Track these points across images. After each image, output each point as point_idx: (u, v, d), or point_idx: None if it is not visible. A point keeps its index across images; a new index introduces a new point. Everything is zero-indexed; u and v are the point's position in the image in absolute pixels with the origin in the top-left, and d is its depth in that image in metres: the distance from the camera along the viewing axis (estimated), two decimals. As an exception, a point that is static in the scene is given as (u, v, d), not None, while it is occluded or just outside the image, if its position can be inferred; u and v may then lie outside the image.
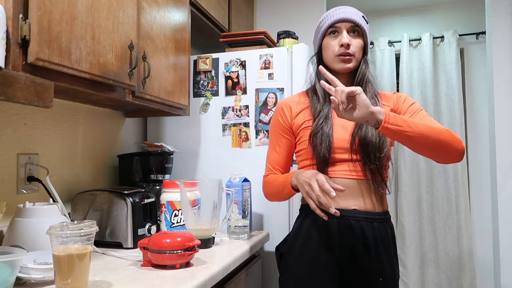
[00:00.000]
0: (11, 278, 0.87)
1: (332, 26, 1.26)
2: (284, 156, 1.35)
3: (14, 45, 0.87)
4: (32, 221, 1.14)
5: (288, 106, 1.34)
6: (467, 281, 2.96)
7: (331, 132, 1.22)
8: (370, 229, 1.20)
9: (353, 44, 1.25)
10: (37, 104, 0.94)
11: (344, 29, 1.25)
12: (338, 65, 1.26)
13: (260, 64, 1.85)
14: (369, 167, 1.19)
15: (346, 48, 1.24)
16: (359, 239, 1.19)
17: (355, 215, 1.20)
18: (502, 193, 2.31)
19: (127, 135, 1.94)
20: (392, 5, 3.27)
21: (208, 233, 1.41)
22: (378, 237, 1.20)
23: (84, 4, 1.08)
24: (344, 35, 1.24)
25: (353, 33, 1.26)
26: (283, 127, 1.33)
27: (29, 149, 1.37)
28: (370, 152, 1.19)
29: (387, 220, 1.26)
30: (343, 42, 1.23)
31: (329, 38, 1.27)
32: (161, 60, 1.54)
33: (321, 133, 1.22)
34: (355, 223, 1.20)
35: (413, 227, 3.09)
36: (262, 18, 2.81)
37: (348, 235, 1.19)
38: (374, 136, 1.19)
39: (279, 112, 1.35)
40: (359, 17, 1.25)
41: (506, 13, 2.34)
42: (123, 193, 1.41)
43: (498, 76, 2.34)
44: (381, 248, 1.20)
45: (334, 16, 1.26)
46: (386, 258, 1.21)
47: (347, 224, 1.20)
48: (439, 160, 1.16)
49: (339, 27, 1.25)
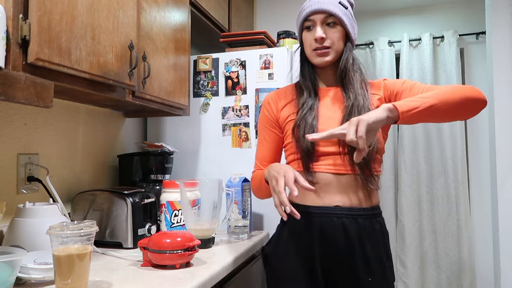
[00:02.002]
0: (11, 278, 0.87)
1: (306, 20, 1.21)
2: (272, 151, 1.30)
3: (14, 45, 0.87)
4: (32, 221, 1.14)
5: (274, 100, 1.30)
6: (467, 281, 2.96)
7: (316, 123, 1.18)
8: (354, 226, 1.15)
9: (329, 36, 1.19)
10: (37, 104, 0.94)
11: (318, 21, 1.19)
12: (315, 59, 1.21)
13: (260, 64, 1.85)
14: (359, 163, 1.12)
15: (320, 43, 1.18)
16: (340, 237, 1.14)
17: (336, 212, 1.15)
18: (502, 193, 2.30)
19: (127, 135, 1.94)
20: (392, 5, 3.27)
21: (208, 233, 1.41)
22: (363, 234, 1.15)
23: (84, 4, 1.08)
24: (317, 29, 1.18)
25: (329, 25, 1.19)
26: (269, 120, 1.29)
27: (29, 149, 1.37)
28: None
29: (375, 215, 1.20)
30: (316, 37, 1.18)
31: (305, 33, 1.22)
32: (161, 60, 1.54)
33: (305, 124, 1.18)
34: (336, 220, 1.15)
35: (413, 227, 3.09)
36: (262, 18, 2.81)
37: (329, 233, 1.15)
38: None
39: (266, 106, 1.31)
40: (333, 5, 1.18)
41: (506, 13, 2.34)
42: (123, 193, 1.41)
43: (498, 76, 2.34)
44: (367, 246, 1.15)
45: (307, 8, 1.20)
46: (374, 256, 1.15)
47: (328, 222, 1.15)
48: (469, 115, 1.11)
49: (313, 20, 1.19)
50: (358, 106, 1.16)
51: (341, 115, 1.18)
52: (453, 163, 3.03)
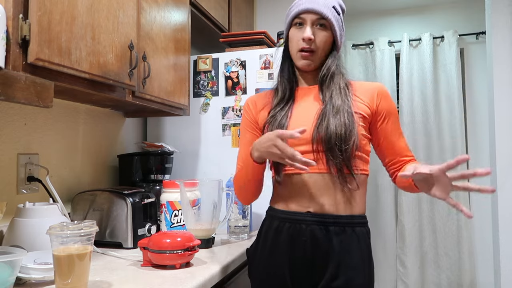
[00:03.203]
0: (11, 278, 0.87)
1: (297, 17, 1.15)
2: None
3: (14, 45, 0.87)
4: (32, 221, 1.14)
5: (253, 102, 1.26)
6: (467, 281, 2.96)
7: (286, 122, 1.13)
8: (324, 235, 1.07)
9: (317, 38, 1.14)
10: (37, 104, 0.94)
11: (309, 21, 1.13)
12: (299, 62, 1.17)
13: (260, 64, 1.85)
14: (332, 161, 1.07)
15: (307, 43, 1.13)
16: (307, 248, 1.08)
17: (306, 218, 1.09)
18: (502, 193, 2.30)
19: (127, 135, 1.94)
20: (392, 5, 3.27)
21: (208, 233, 1.41)
22: (335, 246, 1.07)
23: (84, 4, 1.08)
24: (307, 29, 1.13)
25: (319, 26, 1.14)
26: (249, 123, 1.25)
27: (29, 149, 1.37)
28: (334, 145, 1.07)
29: (353, 225, 1.09)
30: (304, 37, 1.12)
31: (294, 30, 1.17)
32: (161, 60, 1.54)
33: (274, 122, 1.14)
34: (305, 228, 1.09)
35: (413, 227, 3.08)
36: (262, 18, 2.81)
37: (298, 241, 1.09)
38: (339, 127, 1.07)
39: (245, 108, 1.28)
40: (327, 7, 1.13)
41: (506, 13, 2.34)
42: (123, 193, 1.41)
43: (498, 76, 2.34)
44: (335, 261, 1.06)
45: (301, 5, 1.14)
46: (346, 268, 1.06)
47: (297, 228, 1.09)
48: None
49: (304, 18, 1.14)
50: (334, 108, 1.11)
51: (317, 113, 1.13)
52: (453, 163, 3.02)
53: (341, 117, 1.09)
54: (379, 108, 1.16)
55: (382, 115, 1.16)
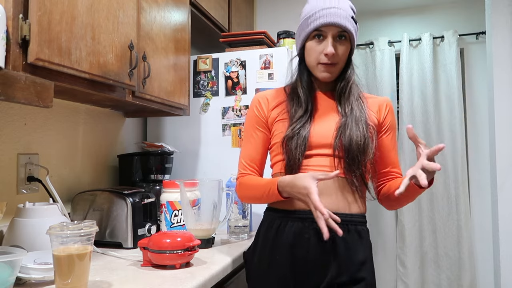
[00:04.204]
0: (11, 278, 0.87)
1: (317, 30, 1.12)
2: (260, 151, 1.23)
3: (14, 45, 0.87)
4: (32, 221, 1.14)
5: (265, 99, 1.25)
6: (467, 281, 2.96)
7: (307, 133, 1.14)
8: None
9: (339, 51, 1.13)
10: (37, 104, 0.94)
11: (330, 35, 1.11)
12: (320, 74, 1.16)
13: (260, 64, 1.85)
14: (351, 168, 1.11)
15: (330, 59, 1.13)
16: (310, 244, 1.10)
17: (310, 216, 1.08)
18: (502, 193, 2.30)
19: (127, 135, 1.94)
20: (392, 5, 3.26)
21: (208, 233, 1.41)
22: (338, 242, 1.09)
23: (84, 4, 1.08)
24: (329, 43, 1.11)
25: (340, 39, 1.13)
26: (259, 120, 1.23)
27: (29, 149, 1.37)
28: (355, 155, 1.11)
29: (355, 223, 1.13)
30: (328, 52, 1.11)
31: (313, 42, 1.15)
32: (161, 60, 1.54)
33: (297, 137, 1.14)
34: (308, 226, 1.10)
35: (413, 227, 3.08)
36: (262, 18, 2.81)
37: (300, 239, 1.11)
38: (360, 138, 1.12)
39: (255, 104, 1.25)
40: (348, 20, 1.11)
41: (506, 13, 2.34)
42: (123, 193, 1.41)
43: (498, 76, 2.34)
44: (341, 255, 1.09)
45: (320, 18, 1.10)
46: (351, 265, 1.09)
47: (300, 226, 1.11)
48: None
49: (325, 31, 1.12)
50: (354, 119, 1.14)
51: (336, 125, 1.15)
52: (453, 163, 3.03)
53: (359, 128, 1.13)
54: (385, 120, 1.22)
55: (386, 128, 1.22)
